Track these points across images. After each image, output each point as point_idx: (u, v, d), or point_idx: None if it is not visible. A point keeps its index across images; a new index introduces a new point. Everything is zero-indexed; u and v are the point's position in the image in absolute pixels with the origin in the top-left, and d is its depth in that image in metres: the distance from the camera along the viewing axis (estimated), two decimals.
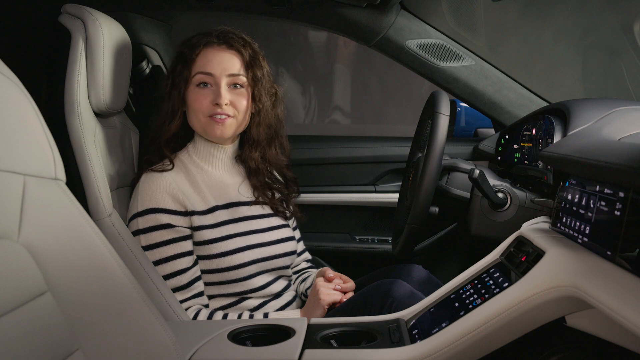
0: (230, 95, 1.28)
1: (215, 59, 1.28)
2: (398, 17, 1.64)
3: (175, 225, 1.25)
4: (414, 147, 1.49)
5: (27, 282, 0.61)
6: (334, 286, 1.32)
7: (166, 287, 1.22)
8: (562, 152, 0.96)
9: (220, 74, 1.27)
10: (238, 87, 1.30)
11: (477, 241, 1.26)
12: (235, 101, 1.29)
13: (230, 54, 1.29)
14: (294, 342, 0.98)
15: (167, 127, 1.31)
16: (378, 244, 1.85)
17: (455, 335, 0.91)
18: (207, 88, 1.28)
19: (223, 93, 1.27)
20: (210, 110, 1.27)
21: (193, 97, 1.29)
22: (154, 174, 1.27)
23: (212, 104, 1.27)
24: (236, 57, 1.30)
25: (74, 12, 1.25)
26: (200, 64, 1.28)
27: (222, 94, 1.26)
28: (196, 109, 1.28)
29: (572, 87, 1.89)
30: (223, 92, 1.27)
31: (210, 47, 1.29)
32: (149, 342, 0.73)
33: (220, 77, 1.27)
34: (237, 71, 1.29)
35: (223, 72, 1.27)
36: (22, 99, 0.65)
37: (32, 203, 0.64)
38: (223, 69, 1.28)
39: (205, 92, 1.28)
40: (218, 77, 1.27)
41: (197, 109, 1.28)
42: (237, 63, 1.29)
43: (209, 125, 1.29)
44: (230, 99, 1.28)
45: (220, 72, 1.27)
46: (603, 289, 0.73)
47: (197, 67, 1.28)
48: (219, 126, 1.28)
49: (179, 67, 1.30)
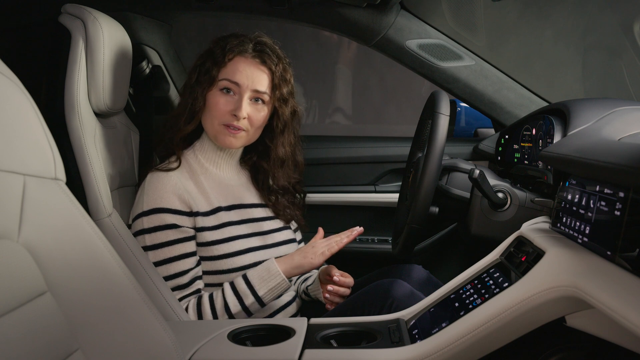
0: (249, 109, 1.28)
1: (246, 71, 1.27)
2: (398, 17, 1.64)
3: (181, 225, 1.25)
4: (414, 147, 1.49)
5: (27, 282, 0.61)
6: (327, 245, 1.29)
7: (166, 287, 1.22)
8: (562, 152, 0.96)
9: (247, 87, 1.27)
10: (259, 102, 1.30)
11: (477, 241, 1.26)
12: (253, 116, 1.29)
13: (261, 70, 1.29)
14: (294, 342, 0.98)
15: (183, 127, 1.30)
16: (378, 244, 1.85)
17: (455, 335, 0.91)
18: (229, 95, 1.28)
19: (244, 106, 1.26)
20: (227, 120, 1.27)
21: (214, 100, 1.28)
22: (160, 174, 1.27)
23: (230, 114, 1.26)
24: (266, 74, 1.29)
25: (74, 12, 1.25)
26: (230, 71, 1.27)
27: (243, 107, 1.26)
28: (214, 114, 1.28)
29: (572, 87, 1.89)
30: (244, 105, 1.26)
31: (244, 57, 1.28)
32: (149, 342, 0.73)
33: (246, 90, 1.27)
34: (263, 89, 1.28)
35: (250, 86, 1.27)
36: (22, 99, 0.65)
37: (32, 203, 0.64)
38: (251, 83, 1.27)
39: (227, 99, 1.27)
40: (243, 90, 1.27)
41: (215, 114, 1.28)
42: (265, 81, 1.29)
43: (221, 133, 1.28)
44: (249, 112, 1.28)
45: (247, 86, 1.27)
46: (603, 289, 0.73)
47: (225, 73, 1.27)
48: (231, 137, 1.28)
49: (208, 64, 1.29)
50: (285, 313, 1.37)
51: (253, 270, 1.27)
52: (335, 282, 1.34)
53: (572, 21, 1.81)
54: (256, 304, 1.24)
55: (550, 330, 0.91)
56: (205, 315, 1.22)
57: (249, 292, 1.23)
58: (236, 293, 1.23)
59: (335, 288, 1.34)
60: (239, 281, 1.25)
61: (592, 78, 1.90)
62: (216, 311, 1.23)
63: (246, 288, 1.23)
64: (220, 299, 1.23)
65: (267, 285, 1.24)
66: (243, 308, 1.23)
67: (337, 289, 1.34)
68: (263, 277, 1.24)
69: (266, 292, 1.24)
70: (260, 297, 1.24)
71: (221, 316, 1.22)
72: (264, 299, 1.24)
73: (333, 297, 1.35)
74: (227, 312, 1.22)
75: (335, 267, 1.38)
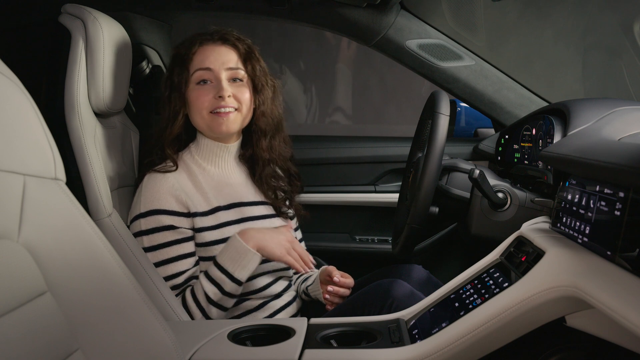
0: (232, 89, 1.29)
1: (213, 54, 1.29)
2: (398, 17, 1.64)
3: (178, 226, 1.25)
4: (414, 147, 1.49)
5: (27, 282, 0.61)
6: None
7: (166, 287, 1.22)
8: (562, 152, 0.96)
9: (219, 68, 1.28)
10: (238, 81, 1.31)
11: (477, 241, 1.26)
12: (238, 94, 1.29)
13: (227, 48, 1.30)
14: (294, 342, 0.98)
15: (169, 130, 1.31)
16: (378, 244, 1.85)
17: (455, 335, 0.91)
18: (207, 85, 1.28)
19: (225, 86, 1.27)
20: (213, 105, 1.27)
21: (194, 95, 1.28)
22: (157, 175, 1.27)
23: (214, 98, 1.27)
24: (233, 50, 1.31)
25: (74, 12, 1.25)
26: (198, 61, 1.29)
27: (224, 87, 1.27)
28: (199, 107, 1.28)
29: (572, 87, 1.89)
30: (224, 85, 1.27)
31: (206, 45, 1.30)
32: (149, 342, 0.73)
33: (220, 71, 1.28)
34: (235, 64, 1.30)
35: (222, 66, 1.28)
36: (22, 99, 0.65)
37: (32, 203, 0.64)
38: (222, 63, 1.28)
39: (206, 88, 1.28)
40: (217, 72, 1.28)
41: (200, 106, 1.28)
42: (234, 57, 1.30)
43: (213, 121, 1.28)
44: (233, 91, 1.29)
45: (219, 67, 1.28)
46: (603, 289, 0.73)
47: (195, 65, 1.29)
48: (224, 120, 1.28)
49: (176, 69, 1.30)
50: (285, 313, 1.37)
51: (221, 253, 1.23)
52: (335, 282, 1.34)
53: (572, 21, 1.81)
54: (235, 285, 1.21)
55: (550, 330, 0.91)
56: (192, 311, 1.22)
57: (226, 278, 1.20)
58: (213, 282, 1.21)
59: (335, 289, 1.34)
60: (212, 269, 1.22)
61: (592, 78, 1.90)
62: (201, 305, 1.21)
63: (221, 274, 1.21)
64: (201, 293, 1.21)
65: (240, 265, 1.20)
66: (224, 294, 1.21)
67: (337, 290, 1.34)
68: (234, 258, 1.21)
69: (241, 271, 1.21)
70: (238, 279, 1.21)
71: (206, 307, 1.21)
72: (242, 279, 1.22)
73: (333, 297, 1.35)
74: (212, 303, 1.21)
75: (335, 268, 1.38)
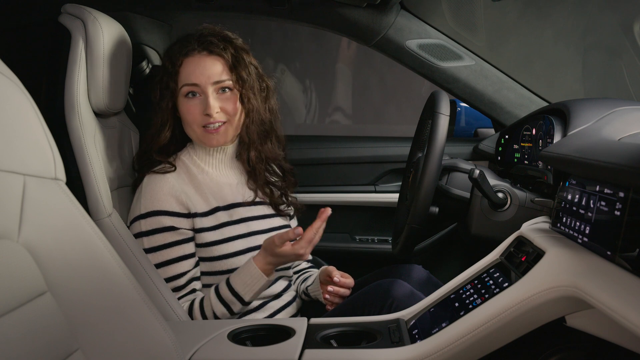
0: (219, 102, 1.27)
1: (198, 68, 1.26)
2: (398, 17, 1.64)
3: (178, 227, 1.25)
4: (414, 147, 1.49)
5: (27, 282, 0.61)
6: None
7: (166, 287, 1.22)
8: (562, 152, 0.96)
9: (205, 83, 1.26)
10: (226, 90, 1.29)
11: (477, 241, 1.26)
12: (225, 106, 1.28)
13: (212, 59, 1.27)
14: (294, 342, 0.98)
15: (157, 139, 1.31)
16: (378, 244, 1.85)
17: (455, 335, 0.91)
18: (196, 97, 1.27)
19: (211, 102, 1.25)
20: (203, 121, 1.27)
21: (185, 108, 1.28)
22: (156, 176, 1.27)
23: (202, 115, 1.26)
24: (218, 61, 1.27)
25: (74, 12, 1.25)
26: (184, 76, 1.27)
27: (211, 104, 1.25)
28: (190, 121, 1.28)
29: (572, 87, 1.89)
30: (211, 102, 1.25)
31: (191, 57, 1.27)
32: (149, 342, 0.73)
33: (206, 85, 1.26)
34: (220, 77, 1.27)
35: (208, 81, 1.26)
36: (22, 99, 0.65)
37: (32, 203, 0.64)
38: (207, 78, 1.26)
39: (195, 101, 1.27)
40: (204, 86, 1.26)
41: (191, 120, 1.28)
42: (219, 68, 1.27)
43: (204, 136, 1.28)
44: (220, 105, 1.27)
45: (205, 82, 1.26)
46: (603, 289, 0.73)
47: (182, 80, 1.27)
48: (215, 136, 1.28)
49: (164, 79, 1.29)
50: (285, 313, 1.37)
51: (236, 275, 1.24)
52: (335, 282, 1.34)
53: (572, 21, 1.81)
54: (243, 307, 1.25)
55: (550, 330, 0.91)
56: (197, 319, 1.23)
57: (236, 300, 1.23)
58: (224, 303, 1.23)
59: (335, 289, 1.34)
60: (223, 289, 1.24)
61: (592, 78, 1.90)
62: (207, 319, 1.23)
63: (232, 296, 1.23)
64: (209, 310, 1.23)
65: (251, 290, 1.23)
66: (231, 313, 1.24)
67: (337, 290, 1.34)
68: (246, 283, 1.23)
69: (252, 296, 1.24)
70: (247, 302, 1.24)
71: None
72: (250, 301, 1.25)
73: (333, 297, 1.35)
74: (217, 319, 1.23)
75: (335, 268, 1.38)
